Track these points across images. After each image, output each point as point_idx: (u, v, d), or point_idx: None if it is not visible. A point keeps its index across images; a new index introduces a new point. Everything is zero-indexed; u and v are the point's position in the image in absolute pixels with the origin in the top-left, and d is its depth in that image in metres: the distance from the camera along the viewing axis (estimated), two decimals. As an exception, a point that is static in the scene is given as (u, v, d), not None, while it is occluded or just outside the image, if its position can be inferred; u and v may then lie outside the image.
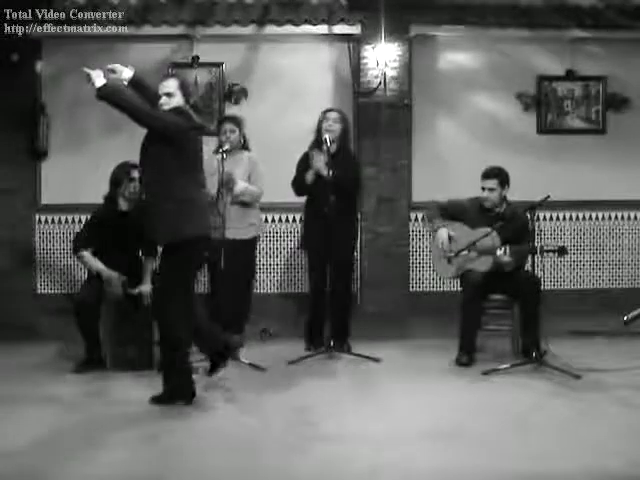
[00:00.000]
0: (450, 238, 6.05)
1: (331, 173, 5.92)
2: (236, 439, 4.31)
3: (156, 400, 4.89)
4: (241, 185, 6.17)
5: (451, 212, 6.14)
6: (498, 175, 6.00)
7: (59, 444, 4.21)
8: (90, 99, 7.49)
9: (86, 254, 5.83)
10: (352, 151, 6.60)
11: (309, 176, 6.10)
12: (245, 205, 6.27)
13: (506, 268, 5.87)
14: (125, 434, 4.38)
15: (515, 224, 5.93)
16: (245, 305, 6.47)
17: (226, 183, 6.05)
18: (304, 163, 6.24)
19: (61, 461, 3.98)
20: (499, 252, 5.82)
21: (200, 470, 3.89)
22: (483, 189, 6.00)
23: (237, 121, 6.38)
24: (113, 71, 5.01)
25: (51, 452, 4.10)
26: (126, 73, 5.04)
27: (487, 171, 6.04)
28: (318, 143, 6.18)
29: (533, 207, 5.68)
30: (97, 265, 5.78)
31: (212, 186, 6.09)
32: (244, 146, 6.39)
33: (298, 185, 6.26)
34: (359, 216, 7.06)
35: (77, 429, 4.45)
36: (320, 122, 6.23)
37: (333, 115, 6.22)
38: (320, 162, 6.05)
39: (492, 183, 5.99)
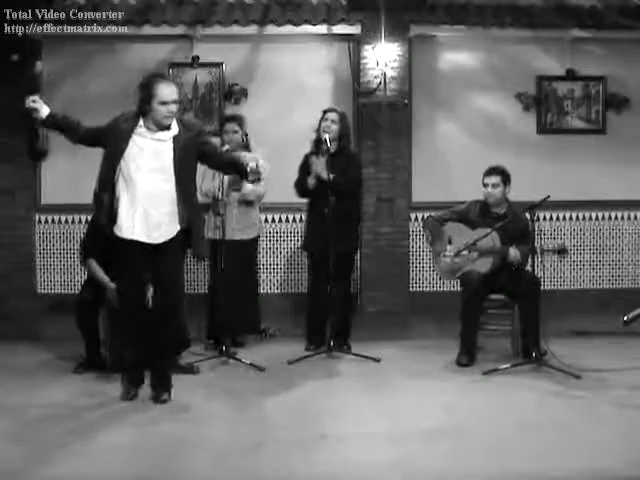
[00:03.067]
0: (450, 240, 6.04)
1: (331, 175, 5.92)
2: (236, 439, 4.31)
3: (163, 400, 4.89)
4: (248, 185, 6.19)
5: (453, 220, 6.12)
6: (502, 172, 6.00)
7: (58, 444, 4.20)
8: (90, 99, 7.67)
9: (93, 263, 5.79)
10: (353, 151, 6.57)
11: (310, 180, 6.10)
12: (247, 205, 6.28)
13: (516, 266, 5.87)
14: (125, 434, 4.38)
15: (516, 225, 5.92)
16: (256, 305, 6.50)
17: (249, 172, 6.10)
18: (305, 166, 6.23)
19: (60, 460, 3.98)
20: (511, 250, 5.81)
21: (200, 470, 3.89)
22: (486, 185, 5.98)
23: (239, 120, 6.39)
24: (35, 102, 4.82)
25: (50, 451, 4.10)
26: (45, 110, 4.86)
27: (490, 168, 6.04)
28: (317, 143, 6.18)
29: (533, 207, 5.67)
30: (102, 275, 5.75)
31: (215, 187, 6.09)
32: (246, 146, 6.40)
33: (300, 188, 6.26)
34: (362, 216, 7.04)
35: (76, 429, 4.44)
36: (320, 122, 6.23)
37: (332, 115, 6.20)
38: (320, 166, 6.04)
39: (496, 179, 5.98)
